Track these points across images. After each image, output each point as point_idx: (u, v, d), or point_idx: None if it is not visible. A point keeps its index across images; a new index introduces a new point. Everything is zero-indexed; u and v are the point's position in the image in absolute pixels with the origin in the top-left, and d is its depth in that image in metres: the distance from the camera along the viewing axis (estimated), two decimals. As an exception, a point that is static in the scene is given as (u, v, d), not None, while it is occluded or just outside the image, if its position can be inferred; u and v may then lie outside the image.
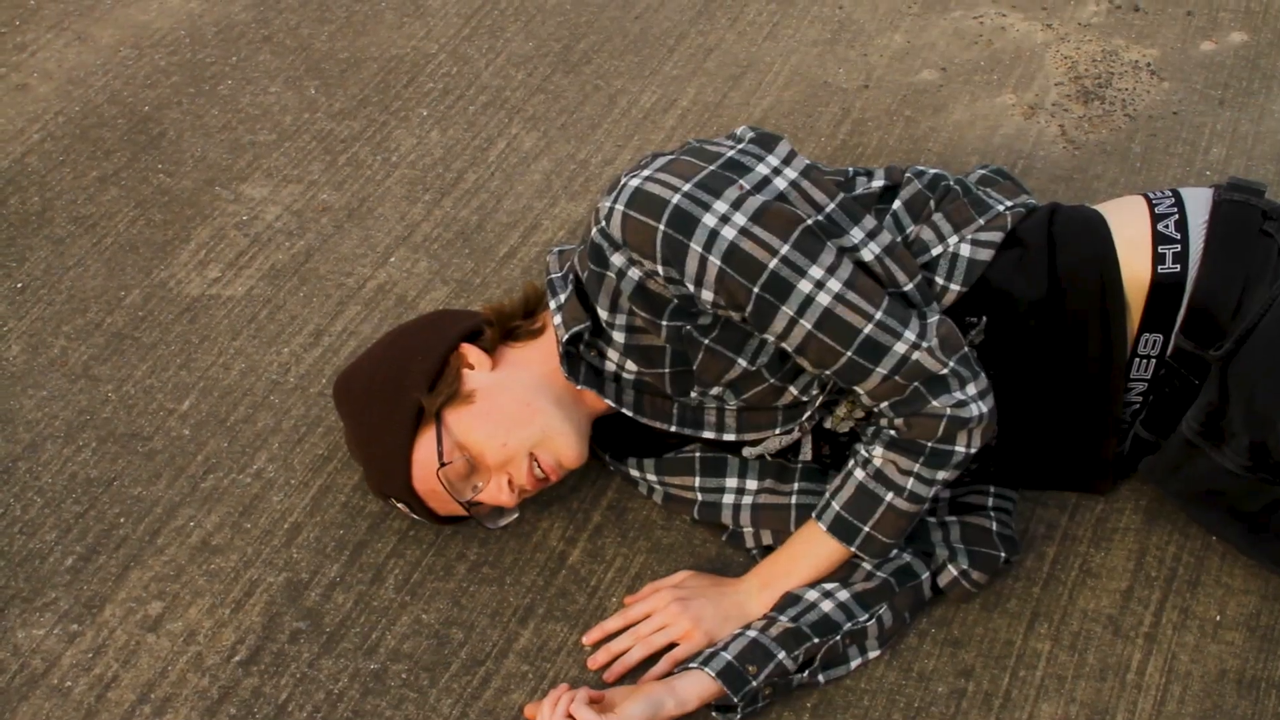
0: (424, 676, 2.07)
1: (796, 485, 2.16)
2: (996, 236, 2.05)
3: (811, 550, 2.06)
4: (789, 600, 2.05)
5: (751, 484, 2.17)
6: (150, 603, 2.15)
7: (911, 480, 1.99)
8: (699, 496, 2.20)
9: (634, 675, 2.05)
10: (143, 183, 2.81)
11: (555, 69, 3.08)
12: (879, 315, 1.92)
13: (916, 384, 1.94)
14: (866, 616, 2.05)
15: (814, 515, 2.06)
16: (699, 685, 1.96)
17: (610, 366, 2.08)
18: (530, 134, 2.93)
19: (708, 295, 1.93)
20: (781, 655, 1.98)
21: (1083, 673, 2.07)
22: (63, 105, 2.98)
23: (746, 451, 2.15)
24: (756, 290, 1.91)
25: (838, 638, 2.02)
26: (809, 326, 1.92)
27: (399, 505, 2.12)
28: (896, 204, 2.07)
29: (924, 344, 1.93)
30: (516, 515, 2.17)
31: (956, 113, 2.98)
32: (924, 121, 2.96)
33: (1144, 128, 2.94)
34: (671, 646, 2.05)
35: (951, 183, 2.11)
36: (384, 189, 2.81)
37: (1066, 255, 2.06)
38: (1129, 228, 2.09)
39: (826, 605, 2.04)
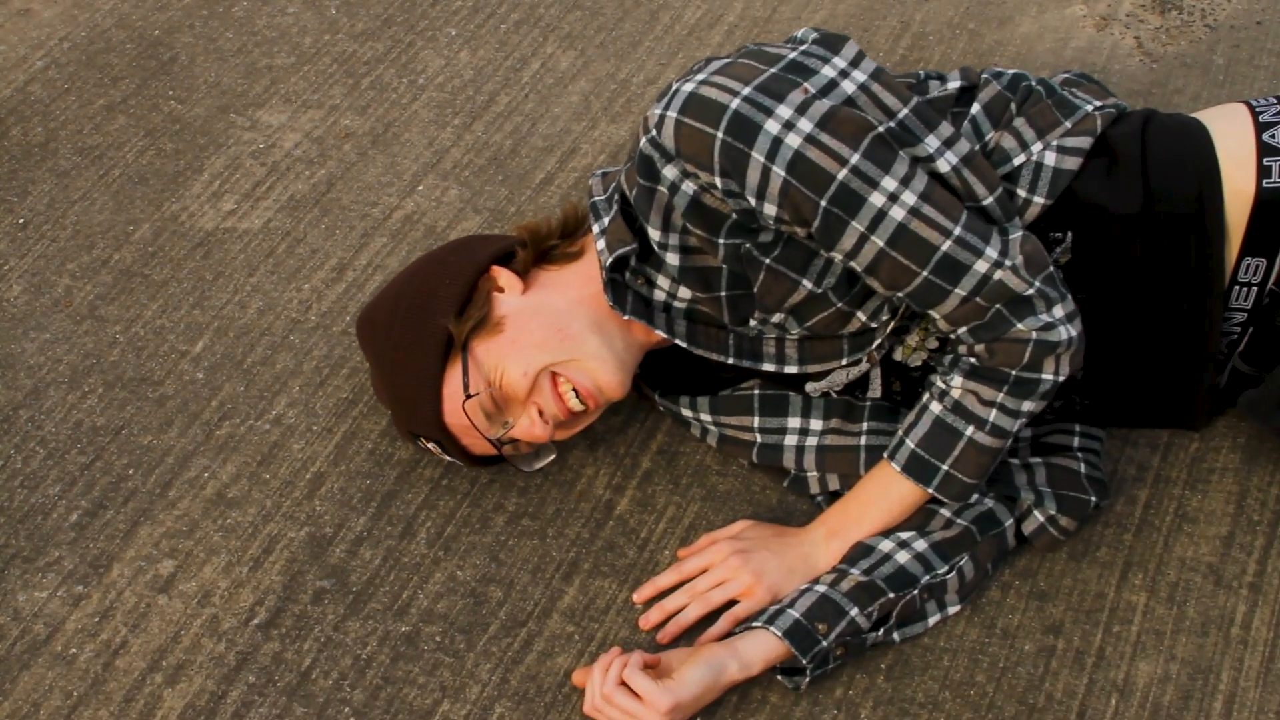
0: (460, 639, 1.89)
1: (865, 425, 1.97)
2: (1084, 142, 1.86)
3: (884, 494, 1.88)
4: (860, 551, 1.87)
5: (816, 424, 1.98)
6: (161, 561, 1.98)
7: (994, 412, 1.80)
8: (758, 438, 2.01)
9: (691, 636, 1.88)
10: (153, 110, 2.63)
11: (592, -16, 2.88)
12: (957, 231, 1.74)
13: (999, 306, 1.76)
14: (946, 568, 1.87)
15: (886, 455, 1.88)
16: (764, 646, 1.78)
17: (660, 295, 1.90)
18: (567, 53, 2.73)
19: (770, 209, 1.75)
20: (854, 612, 1.80)
21: (1183, 627, 1.89)
22: (68, 30, 2.79)
23: (810, 387, 1.97)
24: (824, 204, 1.73)
25: (915, 592, 1.84)
26: (881, 244, 1.74)
27: (430, 446, 1.94)
28: (975, 108, 1.87)
29: (1007, 262, 1.74)
30: (553, 457, 2.00)
31: (1024, 25, 2.77)
32: (989, 35, 2.75)
33: (1226, 38, 2.73)
34: (731, 604, 1.87)
35: (1034, 83, 1.92)
36: (410, 113, 2.62)
37: (1162, 166, 1.86)
38: (1231, 138, 1.89)
39: (902, 556, 1.85)
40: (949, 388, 1.83)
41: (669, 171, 1.79)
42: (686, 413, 2.06)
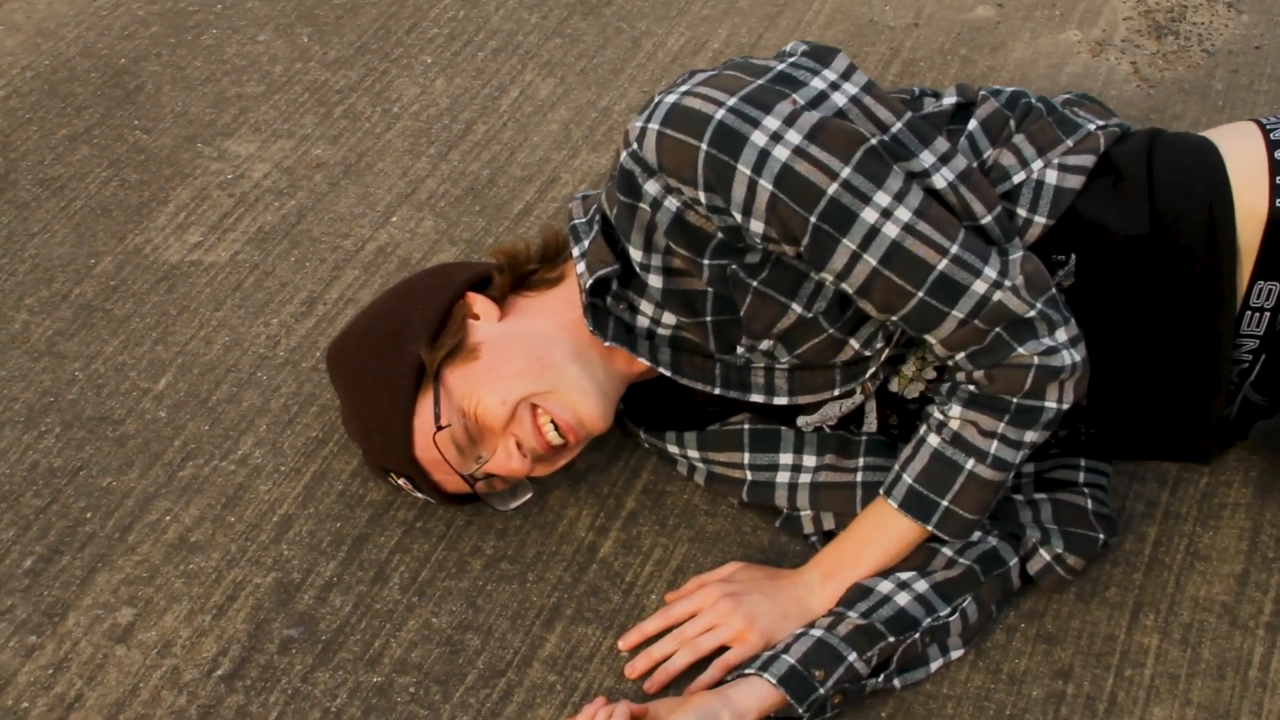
0: (435, 690, 1.79)
1: (861, 460, 1.87)
2: (1087, 160, 1.77)
3: (881, 532, 1.78)
4: (858, 593, 1.77)
5: (810, 460, 1.89)
6: (120, 609, 1.87)
7: (995, 444, 1.71)
8: (749, 475, 1.91)
9: (680, 685, 1.77)
10: (117, 140, 2.54)
11: (572, 11, 2.79)
12: (954, 249, 1.65)
13: (998, 330, 1.67)
14: (948, 610, 1.77)
15: (882, 491, 1.78)
16: (758, 694, 1.67)
17: (643, 321, 1.81)
18: (546, 80, 2.64)
19: (757, 227, 1.66)
20: (852, 657, 1.70)
21: (1198, 670, 1.79)
22: (30, 59, 2.70)
23: (802, 421, 1.87)
24: (814, 220, 1.64)
25: (916, 635, 1.74)
26: (874, 263, 1.65)
27: (401, 483, 1.84)
28: (972, 124, 1.79)
29: (1006, 283, 1.66)
30: (530, 495, 1.90)
31: (1016, 51, 2.69)
32: (981, 61, 2.68)
33: (1224, 63, 2.66)
34: (722, 651, 1.77)
35: (1033, 100, 1.84)
36: (384, 142, 2.53)
37: (1169, 185, 1.78)
38: (1241, 155, 1.81)
39: (902, 598, 1.75)
40: (947, 418, 1.73)
41: (651, 187, 1.70)
42: (673, 449, 1.96)
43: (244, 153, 2.51)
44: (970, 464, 1.73)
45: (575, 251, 1.79)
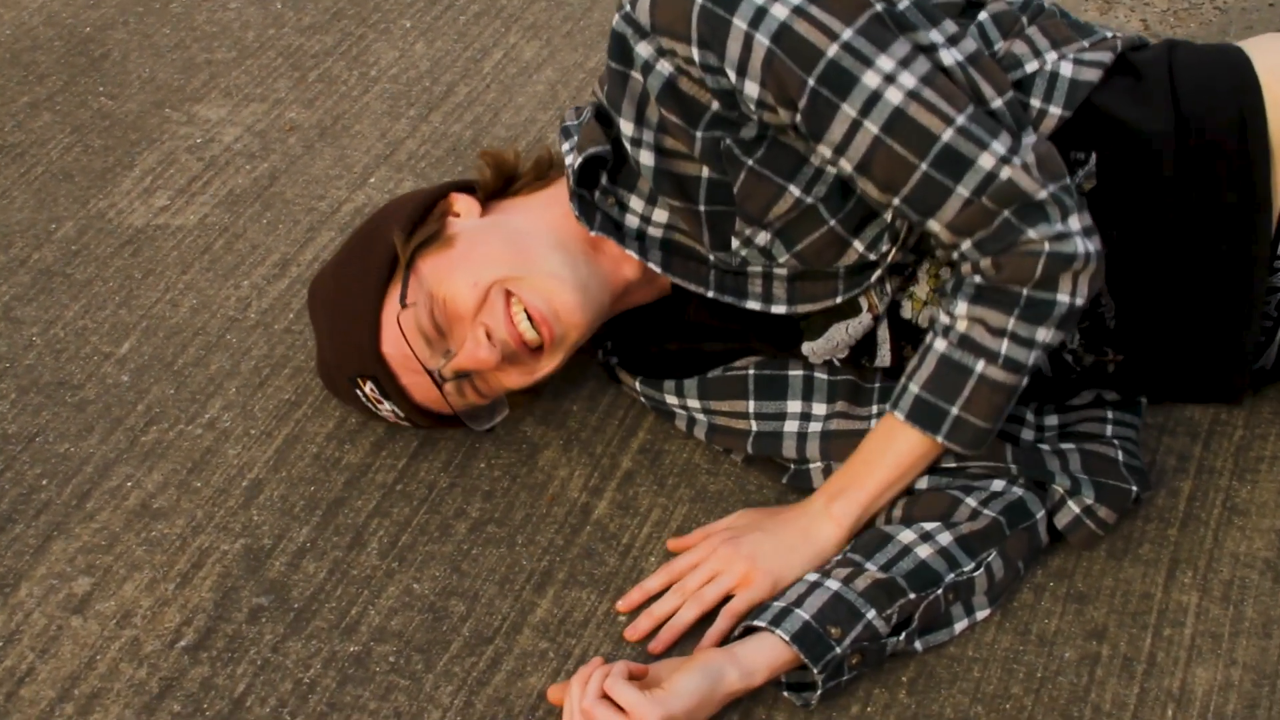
0: (417, 659, 1.65)
1: (875, 408, 1.74)
2: (1104, 57, 1.67)
3: (890, 447, 1.65)
4: (876, 540, 1.63)
5: (820, 408, 1.75)
6: (76, 579, 1.73)
7: (1006, 343, 1.57)
8: (754, 425, 1.77)
9: (689, 643, 1.63)
10: (81, 107, 2.41)
11: (558, -25, 2.67)
12: (961, 119, 1.54)
13: (1007, 214, 1.55)
14: (973, 565, 1.63)
15: (889, 405, 1.65)
16: (768, 651, 1.53)
17: (633, 221, 1.70)
18: (531, 43, 2.52)
19: (752, 89, 1.55)
20: (871, 614, 1.56)
21: (1241, 629, 1.66)
22: (-10, 28, 2.57)
23: (807, 349, 1.74)
24: (812, 82, 1.53)
25: (939, 592, 1.60)
26: (875, 130, 1.53)
27: (368, 389, 1.71)
28: (983, 15, 1.69)
29: (1016, 159, 1.54)
30: (507, 413, 1.78)
31: (1022, 9, 2.57)
32: (985, 19, 2.55)
33: (1237, 20, 2.55)
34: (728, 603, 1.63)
35: (1046, 3, 1.72)
36: (361, 105, 2.40)
37: (1194, 83, 1.68)
38: (1269, 54, 1.71)
39: (924, 550, 1.61)
40: (954, 319, 1.59)
41: (643, 49, 1.59)
42: (671, 400, 1.83)
43: (214, 117, 2.38)
44: (980, 366, 1.59)
45: (565, 146, 1.68)
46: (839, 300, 1.68)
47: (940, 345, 1.60)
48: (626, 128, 1.64)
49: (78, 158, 2.31)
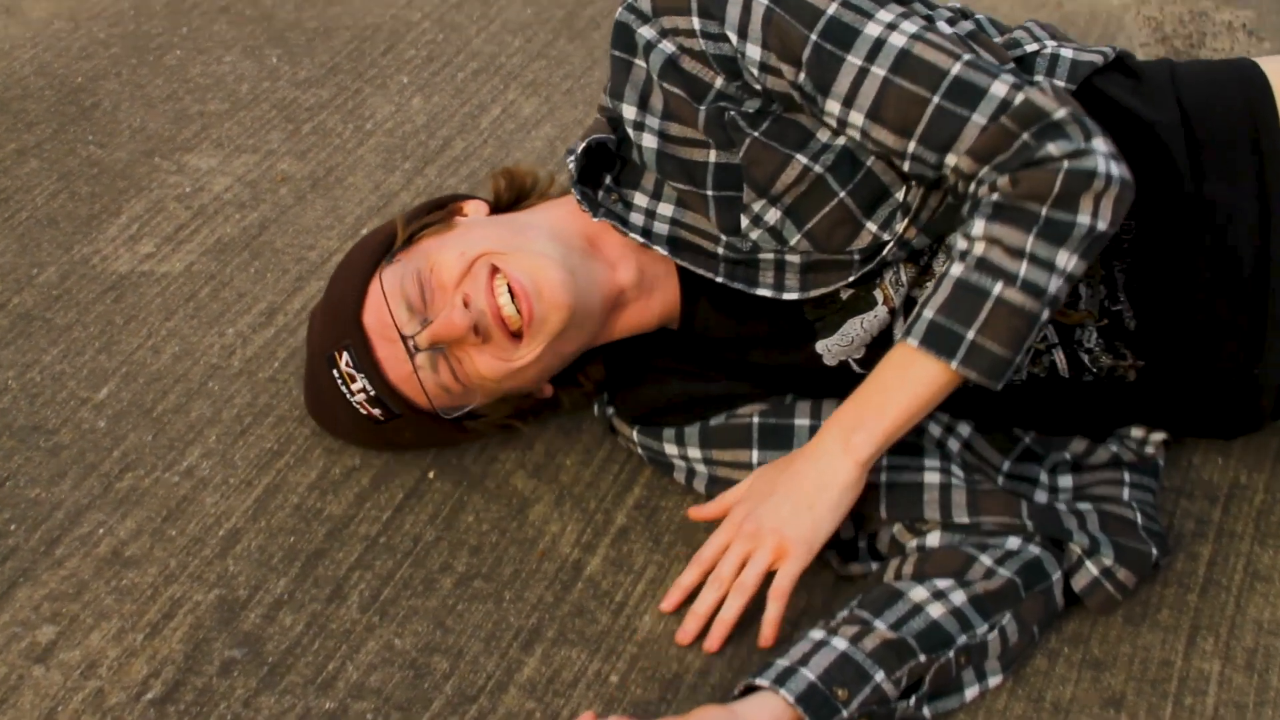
0: (396, 717, 1.56)
1: (886, 460, 1.66)
2: (1104, 52, 1.66)
3: (904, 376, 1.54)
4: (886, 596, 1.55)
5: (827, 458, 1.67)
6: (40, 627, 1.65)
7: (1025, 264, 1.48)
8: (757, 477, 1.70)
9: (744, 632, 1.59)
10: (69, 155, 2.35)
11: (558, 35, 2.63)
12: (967, 55, 1.52)
13: (1026, 135, 1.48)
14: (986, 627, 1.55)
15: (902, 334, 1.54)
16: (771, 712, 1.45)
17: (637, 218, 1.68)
18: (530, 100, 2.47)
19: (754, 50, 1.55)
20: (880, 676, 1.47)
21: (1267, 698, 1.58)
22: (-21, 77, 2.52)
23: (821, 347, 1.68)
24: (814, 37, 1.52)
25: (950, 654, 1.52)
26: (883, 73, 1.51)
27: (343, 363, 1.65)
28: (980, 15, 1.69)
29: (1029, 86, 1.50)
30: (474, 404, 1.72)
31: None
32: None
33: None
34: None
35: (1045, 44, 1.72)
36: (355, 158, 2.34)
37: (1197, 82, 1.65)
38: (1277, 61, 1.67)
39: (936, 610, 1.53)
40: (971, 242, 1.51)
41: (646, 32, 1.60)
42: (671, 450, 1.75)
43: (205, 166, 2.32)
44: (998, 288, 1.49)
45: (570, 160, 1.68)
46: (852, 279, 1.61)
47: (956, 269, 1.51)
48: (629, 112, 1.63)
49: (64, 204, 2.25)
